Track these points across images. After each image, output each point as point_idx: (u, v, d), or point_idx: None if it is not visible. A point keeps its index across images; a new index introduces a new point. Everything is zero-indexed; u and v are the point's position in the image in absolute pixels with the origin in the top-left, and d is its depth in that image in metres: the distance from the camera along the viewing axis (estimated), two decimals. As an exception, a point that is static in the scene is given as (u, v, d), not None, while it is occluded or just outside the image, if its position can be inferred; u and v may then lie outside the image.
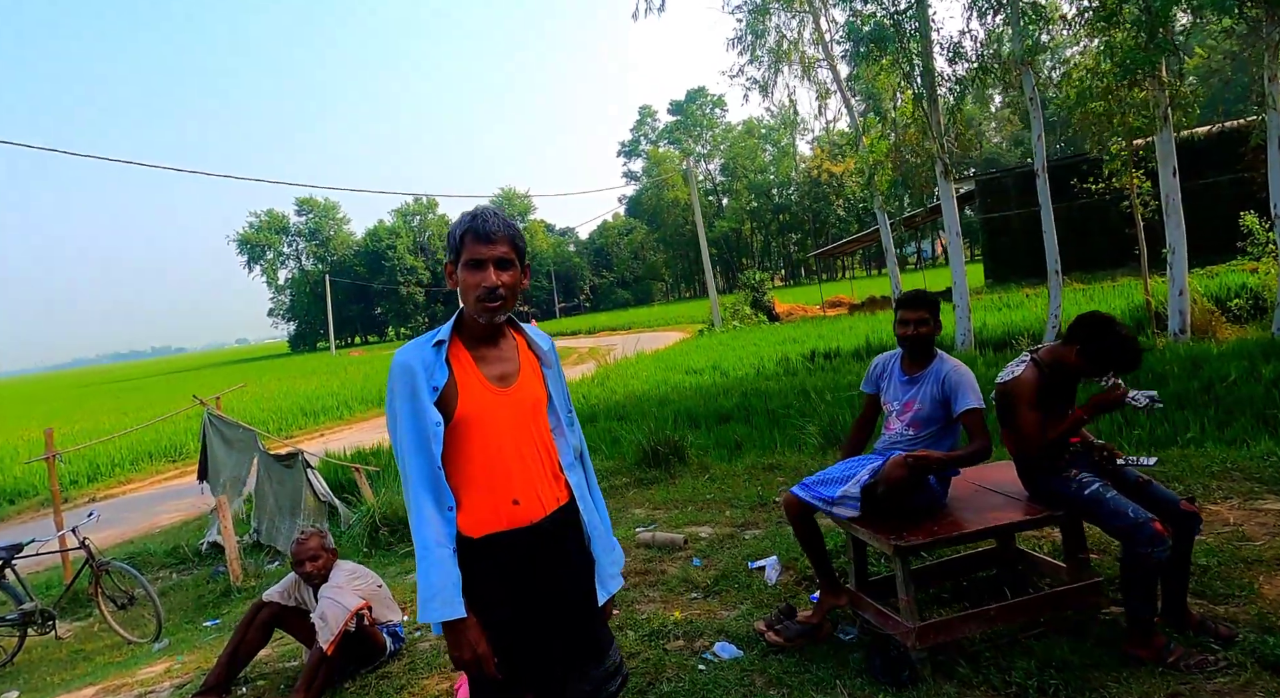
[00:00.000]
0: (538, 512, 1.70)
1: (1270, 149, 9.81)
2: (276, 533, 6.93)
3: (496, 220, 1.67)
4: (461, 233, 1.68)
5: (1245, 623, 2.67)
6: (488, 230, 1.65)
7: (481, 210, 1.68)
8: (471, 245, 1.66)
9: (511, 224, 1.70)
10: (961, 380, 2.86)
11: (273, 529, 6.96)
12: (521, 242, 1.72)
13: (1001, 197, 23.09)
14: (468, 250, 1.67)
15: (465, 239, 1.67)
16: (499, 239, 1.66)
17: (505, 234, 1.67)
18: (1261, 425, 6.19)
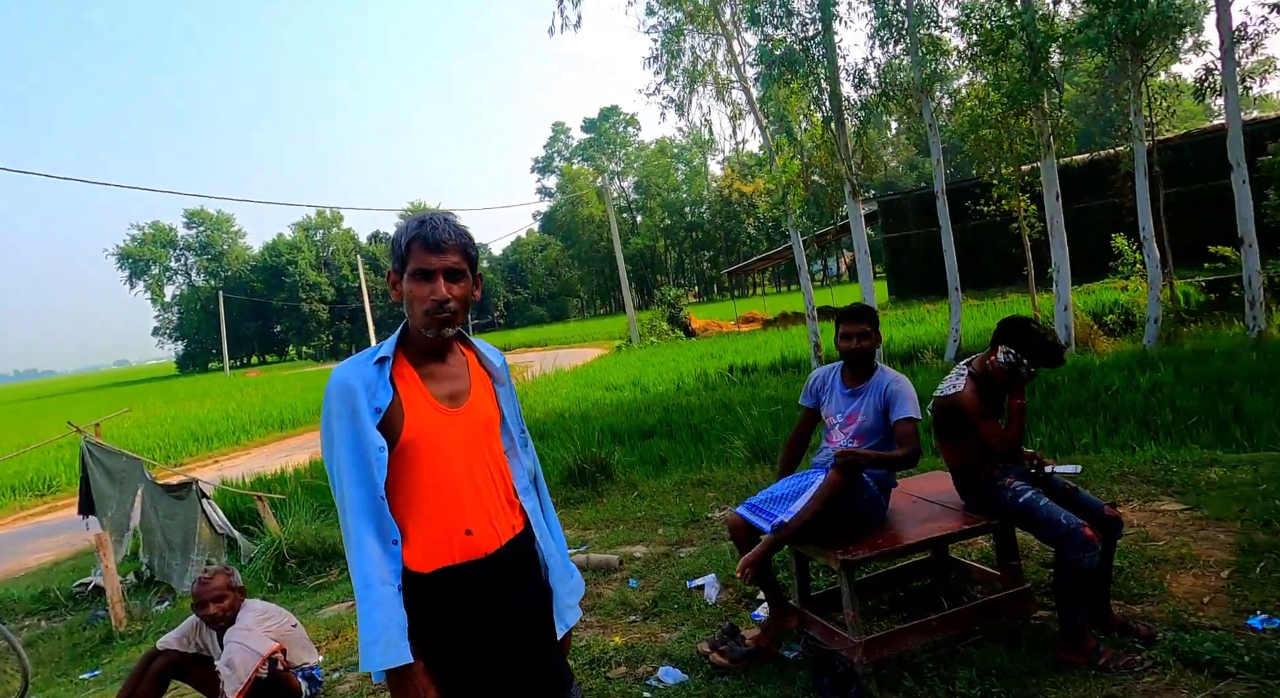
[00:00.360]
0: (492, 542, 1.57)
1: (1137, 177, 10.74)
2: (169, 570, 6.33)
3: (447, 227, 1.53)
4: (408, 241, 1.53)
5: (1161, 621, 2.81)
6: (437, 238, 1.51)
7: (430, 216, 1.55)
8: (419, 254, 1.52)
9: (463, 231, 1.56)
10: (901, 391, 2.90)
11: (164, 566, 6.36)
12: (474, 250, 1.59)
13: (901, 218, 24.35)
14: (415, 259, 1.53)
15: (412, 247, 1.53)
16: (450, 248, 1.53)
17: (457, 243, 1.54)
18: (1145, 430, 6.68)
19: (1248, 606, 2.83)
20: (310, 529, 6.27)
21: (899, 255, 24.74)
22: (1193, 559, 3.29)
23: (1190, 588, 3.05)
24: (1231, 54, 9.63)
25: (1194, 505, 3.94)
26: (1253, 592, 2.92)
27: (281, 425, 19.50)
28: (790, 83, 13.27)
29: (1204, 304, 14.28)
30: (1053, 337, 2.77)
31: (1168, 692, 2.36)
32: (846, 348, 2.98)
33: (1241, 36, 9.75)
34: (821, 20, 12.72)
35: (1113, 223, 18.04)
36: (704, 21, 15.93)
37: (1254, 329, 9.70)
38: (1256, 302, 9.74)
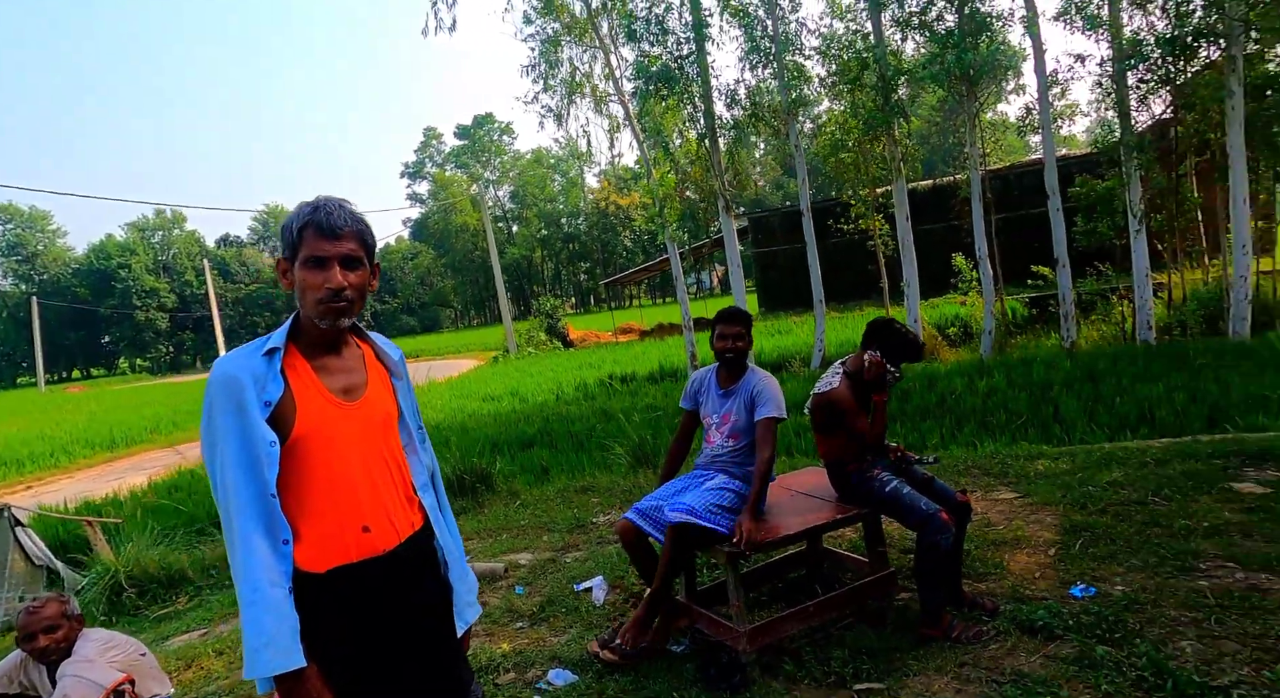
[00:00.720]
0: (391, 539, 1.51)
1: (973, 202, 11.92)
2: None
3: (342, 213, 1.47)
4: (300, 227, 1.46)
5: (1002, 596, 3.13)
6: (332, 224, 1.45)
7: (325, 202, 1.48)
8: (313, 241, 1.45)
9: (360, 218, 1.51)
10: (767, 390, 3.04)
11: (-30, 605, 5.54)
12: (371, 238, 1.54)
13: (770, 234, 25.61)
14: (307, 246, 1.46)
15: (304, 234, 1.46)
16: (345, 235, 1.47)
17: (353, 229, 1.48)
18: (984, 430, 7.41)
19: (1070, 577, 3.21)
20: (153, 555, 5.70)
21: (768, 270, 25.97)
22: (1026, 540, 3.69)
23: (1025, 565, 3.42)
24: (1046, 96, 10.95)
25: (1025, 493, 4.41)
26: (1073, 565, 3.32)
27: (112, 445, 17.53)
28: (666, 99, 13.66)
29: (1028, 318, 16.02)
30: (913, 335, 3.04)
31: (1009, 656, 2.64)
32: (722, 348, 3.09)
33: (1054, 81, 11.09)
34: (695, 41, 13.20)
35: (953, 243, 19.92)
36: (581, 34, 16.08)
37: (1067, 340, 10.99)
38: (1069, 316, 11.05)
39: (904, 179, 12.52)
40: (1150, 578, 3.08)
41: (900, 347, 3.00)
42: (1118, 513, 3.83)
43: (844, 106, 13.54)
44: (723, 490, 2.93)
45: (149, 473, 11.50)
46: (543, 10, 16.07)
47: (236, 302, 72.41)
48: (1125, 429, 6.79)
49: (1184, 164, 11.68)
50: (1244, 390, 7.04)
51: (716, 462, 3.12)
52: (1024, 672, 2.50)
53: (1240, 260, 9.73)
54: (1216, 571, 3.07)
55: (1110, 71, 10.33)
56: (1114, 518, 3.76)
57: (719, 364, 3.19)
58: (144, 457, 15.60)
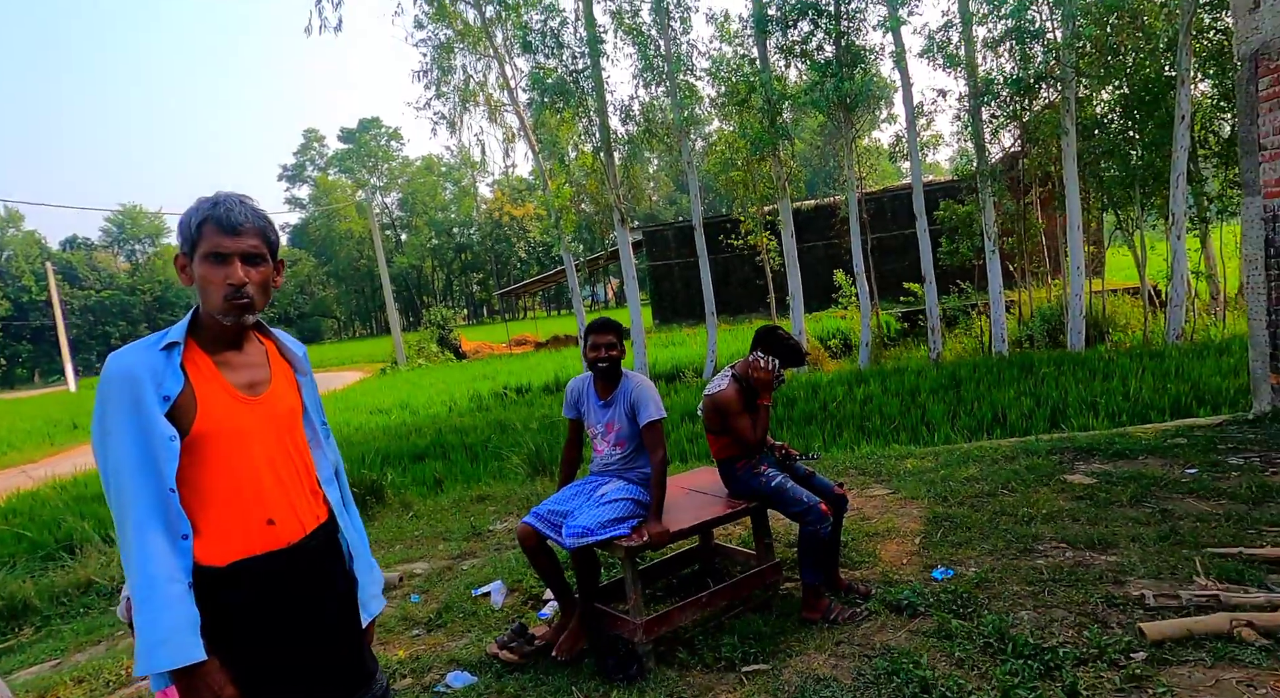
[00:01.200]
0: (296, 532, 1.52)
1: (851, 222, 12.75)
2: None
3: (243, 209, 1.48)
4: (199, 222, 1.46)
5: (874, 581, 3.41)
6: (233, 221, 1.46)
7: (225, 197, 1.48)
8: (213, 236, 1.45)
9: (261, 213, 1.51)
10: (643, 394, 3.11)
11: None
12: (274, 234, 1.54)
13: (664, 248, 26.20)
14: (207, 241, 1.45)
15: (204, 229, 1.45)
16: (246, 231, 1.47)
17: (254, 225, 1.49)
18: (861, 434, 7.94)
19: (932, 562, 3.54)
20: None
21: (661, 282, 26.54)
22: (896, 531, 4.03)
23: (894, 553, 3.74)
24: (913, 126, 11.92)
25: (896, 489, 4.80)
26: (935, 551, 3.67)
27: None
28: (562, 111, 13.79)
29: (900, 332, 17.24)
30: (796, 341, 3.28)
31: (879, 633, 2.90)
32: (596, 358, 3.13)
33: (920, 113, 12.10)
34: (590, 55, 13.42)
35: (832, 260, 21.18)
36: (475, 42, 15.96)
37: (934, 351, 11.93)
38: (936, 329, 12.00)
39: (789, 198, 13.21)
40: (998, 560, 3.45)
41: (785, 351, 3.23)
42: (973, 504, 4.25)
43: (733, 127, 14.15)
44: (616, 502, 3.00)
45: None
46: (434, 16, 15.84)
47: (85, 310, 65.84)
48: (982, 430, 7.48)
49: (1029, 193, 13.00)
50: (1078, 395, 7.93)
51: (609, 470, 3.21)
52: (891, 645, 2.76)
53: (1075, 280, 10.93)
54: (1051, 550, 3.48)
55: (968, 106, 11.38)
56: (970, 509, 4.17)
57: (594, 374, 3.21)
58: (-26, 480, 13.92)
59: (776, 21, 12.20)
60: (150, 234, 73.89)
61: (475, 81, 16.11)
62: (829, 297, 18.62)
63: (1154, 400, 7.32)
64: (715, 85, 13.66)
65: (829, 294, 18.42)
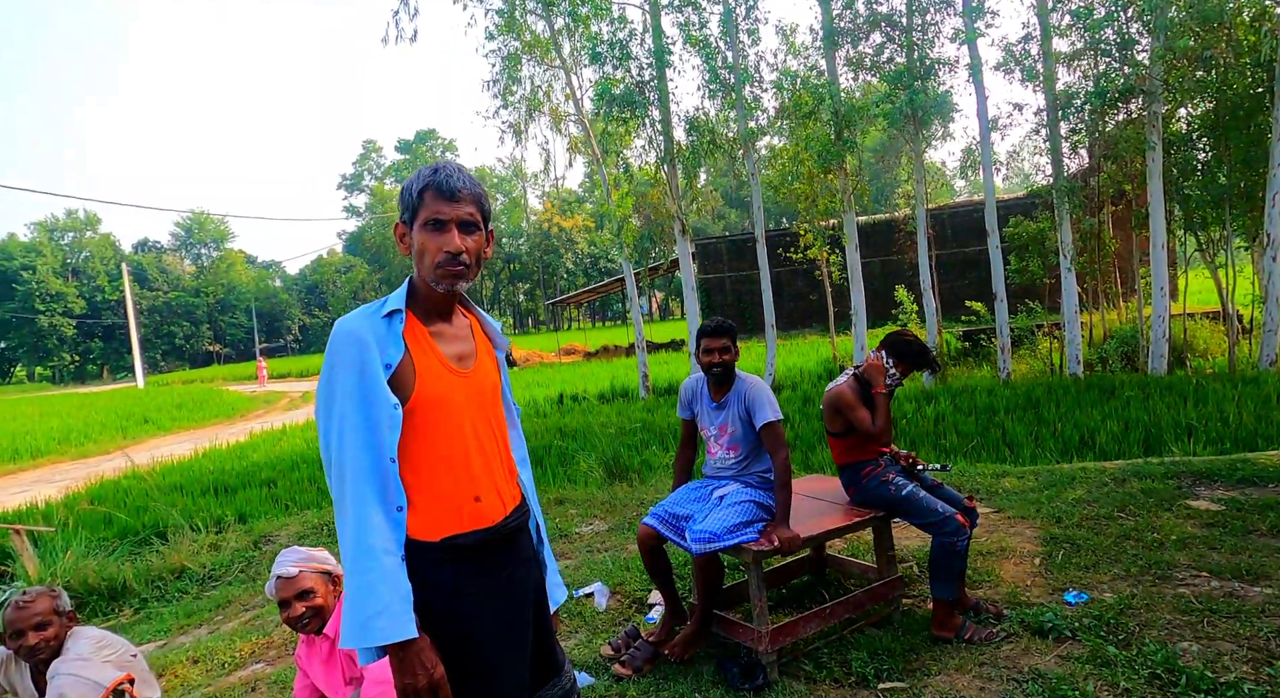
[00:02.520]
0: (498, 512, 1.48)
1: (919, 236, 12.48)
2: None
3: (461, 176, 1.46)
4: (420, 189, 1.44)
5: (1001, 601, 3.25)
6: (452, 186, 1.44)
7: (444, 164, 1.47)
8: (433, 203, 1.43)
9: (477, 183, 1.49)
10: (758, 396, 3.01)
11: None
12: (488, 204, 1.52)
13: (716, 260, 26.12)
14: (427, 208, 1.43)
15: (425, 196, 1.44)
16: (465, 198, 1.45)
17: (471, 193, 1.46)
18: (938, 452, 7.69)
19: (1061, 585, 3.36)
20: (93, 565, 5.29)
21: (713, 294, 26.42)
22: (1011, 551, 3.84)
23: (1015, 574, 3.56)
24: (988, 139, 11.64)
25: (999, 508, 4.60)
26: (1061, 574, 3.48)
27: (14, 456, 16.21)
28: (627, 121, 13.86)
29: (960, 351, 16.80)
30: (921, 344, 3.20)
31: (1025, 656, 2.74)
32: (709, 362, 3.04)
33: (994, 126, 11.81)
34: (657, 66, 13.48)
35: (890, 276, 20.80)
36: (543, 53, 16.19)
37: (1004, 371, 11.56)
38: (1005, 348, 11.64)
39: (854, 212, 13.01)
40: (1135, 586, 3.25)
41: (909, 353, 3.14)
42: (1091, 527, 4.04)
43: (787, 141, 14.04)
44: (740, 504, 2.92)
45: (61, 485, 10.67)
46: (504, 28, 16.13)
47: (152, 310, 68.53)
48: (1070, 453, 7.17)
49: (1102, 211, 12.56)
50: (1171, 419, 7.57)
51: (724, 474, 3.12)
52: (1042, 670, 2.60)
53: (1159, 302, 10.49)
54: (1193, 579, 3.27)
55: (1045, 120, 11.07)
56: (1089, 531, 3.97)
57: (706, 377, 3.14)
58: (52, 469, 14.49)
59: (847, 33, 12.09)
60: (215, 238, 76.65)
61: (541, 92, 16.32)
62: (886, 313, 18.26)
63: (1259, 428, 6.94)
64: (780, 97, 13.59)
65: (886, 310, 18.07)
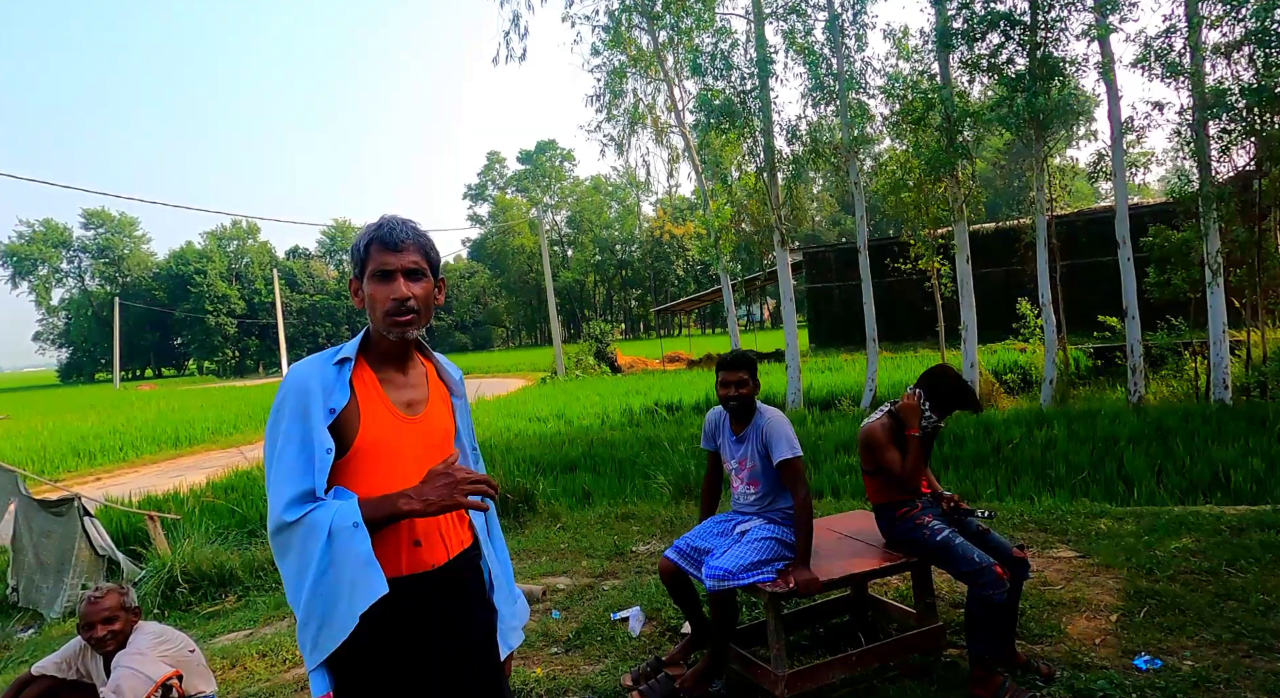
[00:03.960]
0: (440, 555, 1.54)
1: (1039, 247, 11.61)
2: (37, 594, 5.77)
3: (404, 228, 1.54)
4: (366, 243, 1.53)
5: (1058, 660, 2.98)
6: (395, 238, 1.52)
7: (388, 219, 1.55)
8: (378, 255, 1.52)
9: (421, 232, 1.57)
10: (775, 431, 2.90)
11: (32, 590, 5.80)
12: (434, 252, 1.59)
13: (825, 269, 25.40)
14: (373, 260, 1.52)
15: (370, 249, 1.53)
16: (407, 247, 1.53)
17: (414, 242, 1.54)
18: (1042, 483, 7.12)
19: (1134, 647, 3.04)
20: (207, 552, 5.88)
21: (820, 305, 25.72)
22: (1085, 603, 3.51)
23: (1084, 630, 3.25)
24: (1120, 143, 10.66)
25: (1085, 553, 4.21)
26: (1137, 634, 3.14)
27: (176, 443, 18.23)
28: (727, 132, 13.79)
29: (1091, 369, 15.44)
30: (964, 385, 2.98)
31: (1066, 726, 2.50)
32: (726, 395, 2.96)
33: (1129, 128, 10.80)
34: (759, 76, 13.33)
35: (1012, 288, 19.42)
36: (646, 66, 16.43)
37: (1135, 395, 10.52)
38: (1138, 369, 10.60)
39: (966, 221, 12.30)
40: (1224, 655, 2.89)
41: (946, 392, 2.94)
42: (1188, 582, 3.62)
43: (907, 146, 13.43)
44: (759, 542, 2.85)
45: (208, 472, 11.90)
46: (610, 43, 16.50)
47: (300, 311, 75.06)
48: (1197, 492, 6.44)
49: (1266, 219, 11.17)
50: (1331, 459, 6.63)
51: (747, 510, 3.05)
52: (1080, 744, 2.37)
53: (1332, 321, 9.21)
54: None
55: (1190, 120, 10.00)
56: (1184, 587, 3.56)
57: (725, 411, 3.07)
58: (205, 456, 16.18)
59: (962, 34, 11.44)
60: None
61: (644, 105, 16.57)
62: (1007, 327, 17.07)
63: None
64: (889, 103, 13.07)
65: (1006, 324, 16.89)
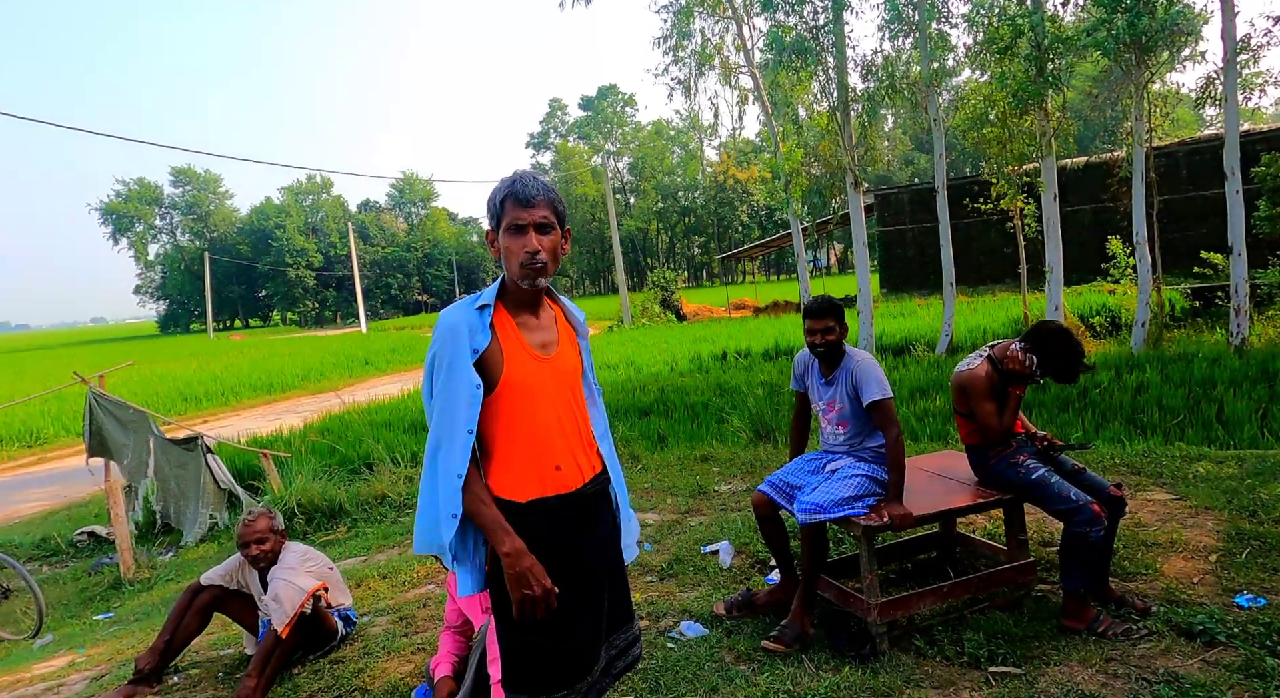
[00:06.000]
0: (577, 479, 1.71)
1: (1135, 182, 10.93)
2: (181, 518, 6.43)
3: (535, 184, 1.66)
4: (501, 198, 1.66)
5: (1154, 597, 3.00)
6: (527, 194, 1.64)
7: (520, 174, 1.67)
8: (512, 210, 1.65)
9: (550, 188, 1.69)
10: (865, 373, 2.94)
11: (179, 514, 6.47)
12: (561, 205, 1.71)
13: (898, 212, 24.53)
14: (508, 215, 1.65)
15: (505, 204, 1.66)
16: (538, 203, 1.65)
17: (545, 198, 1.66)
18: (1132, 427, 6.92)
19: (1235, 586, 3.02)
20: (317, 488, 6.37)
21: (893, 249, 24.96)
22: (1183, 544, 3.49)
23: (1181, 569, 3.24)
24: (1233, 64, 9.81)
25: (1182, 496, 4.14)
26: (1239, 574, 3.12)
27: (270, 389, 19.44)
28: (798, 71, 13.32)
29: (1188, 311, 14.61)
30: (1078, 354, 2.89)
31: (1163, 657, 2.55)
32: (813, 343, 3.02)
33: (1244, 47, 9.92)
34: (833, 9, 12.75)
35: (1103, 226, 18.38)
36: (715, 4, 15.90)
37: (1237, 336, 9.96)
38: (1241, 309, 10.00)
39: (1054, 156, 11.65)
40: (1330, 595, 2.85)
41: (1055, 359, 2.89)
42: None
43: (990, 78, 12.69)
44: (850, 479, 2.93)
45: (302, 416, 12.70)
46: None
47: (373, 263, 77.45)
48: (1305, 437, 6.16)
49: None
50: None
51: (836, 451, 3.12)
52: (1179, 673, 2.41)
53: None
54: None
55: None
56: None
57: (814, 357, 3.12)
58: (296, 402, 17.21)
59: (1056, -49, 10.63)
60: (422, 198, 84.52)
61: (712, 45, 16.10)
62: (1094, 268, 16.23)
63: None
64: (973, 32, 12.33)
65: (1094, 265, 16.05)
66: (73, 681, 3.39)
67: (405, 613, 3.56)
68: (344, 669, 3.01)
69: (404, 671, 2.96)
